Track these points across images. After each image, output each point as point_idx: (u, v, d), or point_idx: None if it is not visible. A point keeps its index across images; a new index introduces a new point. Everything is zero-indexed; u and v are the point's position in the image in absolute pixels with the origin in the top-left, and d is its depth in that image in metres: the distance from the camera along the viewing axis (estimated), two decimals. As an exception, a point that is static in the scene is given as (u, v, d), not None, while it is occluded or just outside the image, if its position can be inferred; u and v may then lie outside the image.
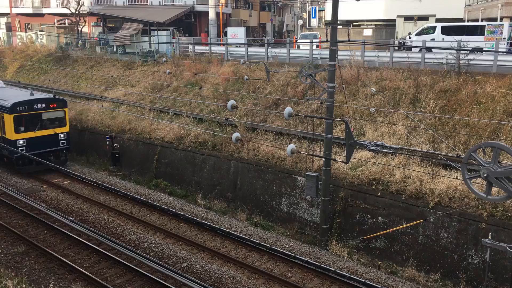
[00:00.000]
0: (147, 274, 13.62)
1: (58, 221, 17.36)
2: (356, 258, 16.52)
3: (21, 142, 22.77)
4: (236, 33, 41.89)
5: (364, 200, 17.50)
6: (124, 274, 13.92)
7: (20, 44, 50.04)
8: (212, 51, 34.65)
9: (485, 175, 7.53)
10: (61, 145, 24.44)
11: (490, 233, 8.56)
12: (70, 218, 17.45)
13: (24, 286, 12.35)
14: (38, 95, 25.34)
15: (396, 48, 28.26)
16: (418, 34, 31.47)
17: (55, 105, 24.29)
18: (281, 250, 15.58)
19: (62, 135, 24.42)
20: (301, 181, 19.02)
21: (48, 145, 23.73)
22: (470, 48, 22.09)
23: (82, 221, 17.48)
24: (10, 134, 22.67)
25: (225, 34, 42.81)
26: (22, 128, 23.08)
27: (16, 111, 22.70)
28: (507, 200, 7.37)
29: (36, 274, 13.94)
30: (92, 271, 14.01)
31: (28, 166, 23.08)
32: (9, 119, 22.59)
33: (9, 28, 55.12)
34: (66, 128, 24.73)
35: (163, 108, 28.23)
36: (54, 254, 14.87)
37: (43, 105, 23.74)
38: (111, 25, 48.32)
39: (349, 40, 16.48)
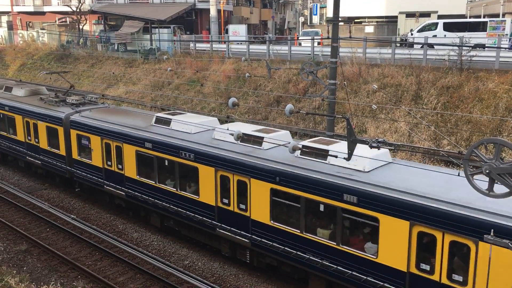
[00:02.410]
0: (149, 272, 13.63)
1: (60, 219, 17.41)
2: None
3: None
4: (237, 31, 41.82)
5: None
6: (126, 271, 13.92)
7: (21, 42, 50.07)
8: (213, 49, 34.63)
9: (487, 171, 7.50)
10: None
11: (492, 230, 8.54)
12: (72, 216, 17.58)
13: (26, 284, 12.38)
14: None
15: (398, 44, 28.18)
16: (420, 30, 31.37)
17: None
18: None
19: None
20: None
21: None
22: (472, 45, 22.03)
23: (84, 219, 17.51)
24: None
25: (226, 32, 42.75)
26: None
27: None
28: (509, 196, 7.34)
29: (39, 272, 13.96)
30: (94, 269, 14.02)
31: None
32: None
33: (10, 27, 55.15)
34: None
35: (164, 106, 28.22)
36: (56, 252, 14.88)
37: None
38: (112, 23, 48.30)
39: (350, 37, 16.42)
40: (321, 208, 11.31)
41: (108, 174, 16.90)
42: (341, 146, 11.70)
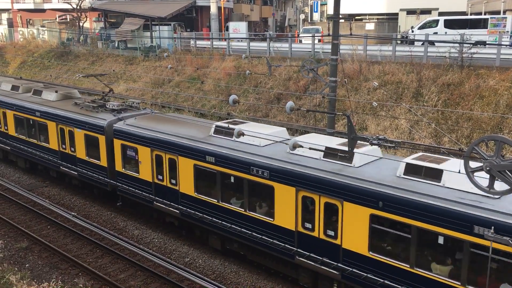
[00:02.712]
0: (150, 269, 13.65)
1: (61, 216, 17.43)
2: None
3: None
4: (238, 28, 41.77)
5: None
6: (127, 269, 13.95)
7: (21, 39, 50.04)
8: (214, 46, 34.59)
9: (487, 168, 7.51)
10: None
11: (492, 227, 8.54)
12: (73, 213, 17.60)
13: (27, 281, 12.41)
14: None
15: (399, 42, 28.14)
16: (420, 27, 31.33)
17: None
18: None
19: None
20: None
21: None
22: (473, 42, 21.99)
23: (84, 217, 17.53)
24: None
25: (227, 29, 42.70)
26: None
27: None
28: (510, 193, 7.34)
29: (39, 269, 13.99)
30: (95, 266, 14.05)
31: None
32: None
33: (11, 24, 55.12)
34: None
35: (164, 103, 28.22)
36: (57, 249, 14.91)
37: None
38: (112, 20, 48.26)
39: (351, 34, 16.40)
40: (440, 240, 9.63)
41: (159, 189, 15.24)
42: (451, 164, 10.28)
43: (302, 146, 11.90)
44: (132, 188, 16.14)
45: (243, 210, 12.99)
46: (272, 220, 12.33)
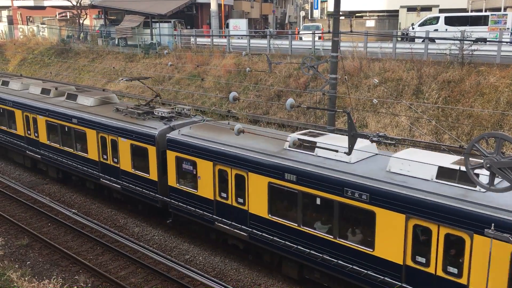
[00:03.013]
0: (150, 266, 13.67)
1: (62, 213, 17.45)
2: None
3: None
4: (238, 25, 41.73)
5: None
6: (127, 266, 13.97)
7: (21, 37, 50.02)
8: (214, 43, 34.58)
9: (488, 165, 7.50)
10: None
11: (493, 224, 8.54)
12: (73, 210, 17.60)
13: (28, 278, 12.43)
14: None
15: (399, 39, 28.11)
16: (421, 24, 31.28)
17: None
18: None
19: None
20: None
21: None
22: (473, 39, 21.96)
23: (85, 214, 17.54)
24: None
25: (227, 26, 42.66)
26: None
27: None
28: (510, 190, 7.34)
29: (40, 266, 14.01)
30: (95, 263, 14.07)
31: None
32: None
33: (11, 21, 55.10)
34: None
35: (165, 100, 28.20)
36: (58, 246, 14.93)
37: None
38: (112, 17, 48.22)
39: (351, 31, 16.38)
40: (317, 201, 11.42)
41: (222, 208, 13.59)
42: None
43: (405, 164, 10.40)
44: (188, 206, 14.40)
45: (331, 237, 11.38)
46: (372, 250, 10.72)
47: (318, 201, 11.55)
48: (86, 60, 38.56)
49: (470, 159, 7.79)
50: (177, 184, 14.71)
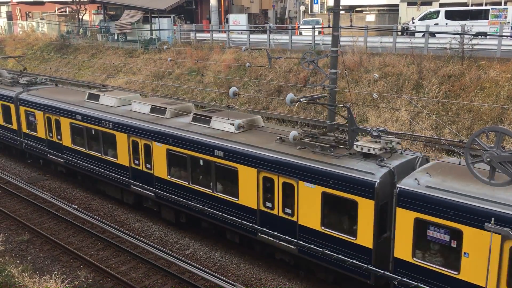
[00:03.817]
0: (151, 261, 13.70)
1: (62, 209, 17.46)
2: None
3: None
4: (238, 20, 41.62)
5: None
6: (128, 261, 14.00)
7: (21, 32, 49.94)
8: (214, 38, 34.50)
9: (488, 159, 7.50)
10: None
11: (493, 218, 8.55)
12: (74, 206, 17.61)
13: (29, 273, 12.46)
14: None
15: (399, 33, 28.05)
16: (421, 19, 31.20)
17: None
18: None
19: None
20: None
21: None
22: (474, 33, 21.90)
23: (85, 209, 17.55)
24: None
25: (227, 21, 42.55)
26: None
27: None
28: (510, 185, 7.34)
29: (41, 262, 14.04)
30: (96, 258, 14.10)
31: None
32: None
33: (10, 17, 54.97)
34: None
35: (165, 96, 28.18)
36: (59, 242, 14.96)
37: None
38: (112, 12, 48.11)
39: (351, 26, 16.33)
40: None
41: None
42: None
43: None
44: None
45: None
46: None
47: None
48: (86, 55, 38.51)
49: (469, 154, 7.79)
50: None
